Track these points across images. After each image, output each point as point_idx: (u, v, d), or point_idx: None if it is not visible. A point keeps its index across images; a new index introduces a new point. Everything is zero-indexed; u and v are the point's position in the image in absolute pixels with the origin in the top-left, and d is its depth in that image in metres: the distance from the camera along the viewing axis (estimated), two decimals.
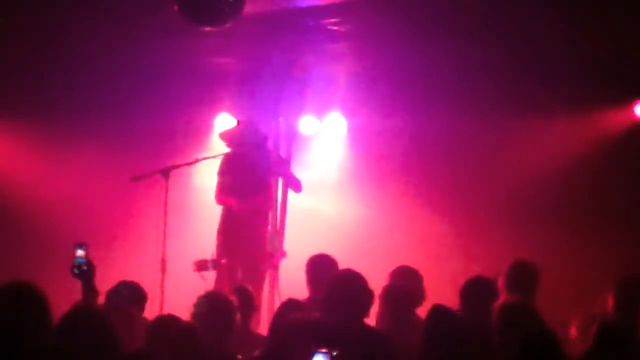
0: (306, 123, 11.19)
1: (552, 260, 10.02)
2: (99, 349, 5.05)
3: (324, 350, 4.80)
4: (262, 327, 8.79)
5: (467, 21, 9.66)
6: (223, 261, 9.66)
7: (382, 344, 6.27)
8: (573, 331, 7.22)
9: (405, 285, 7.69)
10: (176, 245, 9.70)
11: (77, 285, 6.50)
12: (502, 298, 7.21)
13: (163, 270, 9.31)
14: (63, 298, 5.69)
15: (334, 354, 4.80)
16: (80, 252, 6.39)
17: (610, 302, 7.35)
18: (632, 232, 10.35)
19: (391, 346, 6.28)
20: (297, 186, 10.16)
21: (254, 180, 10.05)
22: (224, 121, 11.11)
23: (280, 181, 10.44)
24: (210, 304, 6.56)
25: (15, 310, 5.16)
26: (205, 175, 10.46)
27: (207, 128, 11.23)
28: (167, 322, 6.31)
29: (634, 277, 7.55)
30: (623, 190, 10.58)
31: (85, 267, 6.38)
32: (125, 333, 5.92)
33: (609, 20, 9.45)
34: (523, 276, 7.67)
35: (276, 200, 10.27)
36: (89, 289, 6.41)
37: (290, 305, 6.95)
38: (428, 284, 7.99)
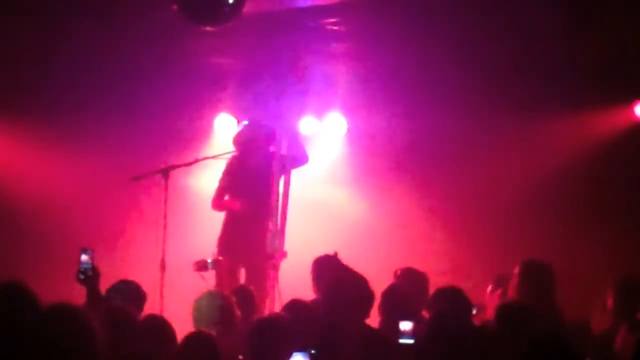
0: (306, 123, 11.18)
1: (552, 260, 10.04)
2: (72, 347, 4.99)
3: (303, 350, 4.80)
4: None
5: (466, 21, 9.67)
6: (223, 261, 9.66)
7: (381, 344, 6.27)
8: None
9: (409, 286, 7.66)
10: (176, 245, 9.70)
11: (77, 285, 6.50)
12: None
13: (163, 270, 9.31)
14: (62, 298, 5.67)
15: (313, 352, 4.80)
16: (85, 258, 6.37)
17: (609, 302, 7.34)
18: (632, 232, 10.35)
19: (390, 346, 6.29)
20: (302, 158, 10.17)
21: (256, 182, 10.05)
22: (224, 121, 11.11)
23: (282, 181, 10.42)
24: (210, 303, 6.56)
25: (4, 309, 5.14)
26: (205, 175, 10.46)
27: (207, 128, 11.23)
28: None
29: (633, 277, 7.54)
30: (623, 191, 10.58)
31: (90, 273, 6.36)
32: (123, 332, 5.91)
33: (609, 20, 9.46)
34: (537, 277, 7.41)
35: (277, 201, 10.25)
36: (94, 294, 6.39)
37: (293, 305, 6.94)
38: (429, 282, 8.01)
